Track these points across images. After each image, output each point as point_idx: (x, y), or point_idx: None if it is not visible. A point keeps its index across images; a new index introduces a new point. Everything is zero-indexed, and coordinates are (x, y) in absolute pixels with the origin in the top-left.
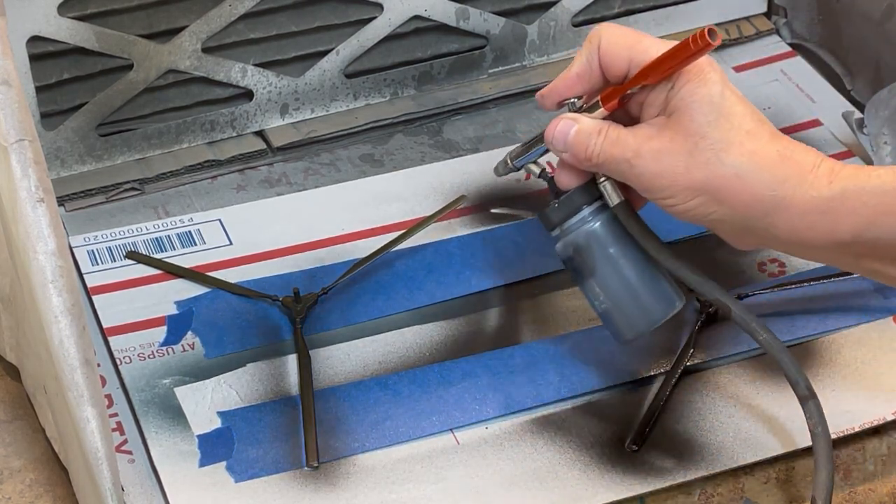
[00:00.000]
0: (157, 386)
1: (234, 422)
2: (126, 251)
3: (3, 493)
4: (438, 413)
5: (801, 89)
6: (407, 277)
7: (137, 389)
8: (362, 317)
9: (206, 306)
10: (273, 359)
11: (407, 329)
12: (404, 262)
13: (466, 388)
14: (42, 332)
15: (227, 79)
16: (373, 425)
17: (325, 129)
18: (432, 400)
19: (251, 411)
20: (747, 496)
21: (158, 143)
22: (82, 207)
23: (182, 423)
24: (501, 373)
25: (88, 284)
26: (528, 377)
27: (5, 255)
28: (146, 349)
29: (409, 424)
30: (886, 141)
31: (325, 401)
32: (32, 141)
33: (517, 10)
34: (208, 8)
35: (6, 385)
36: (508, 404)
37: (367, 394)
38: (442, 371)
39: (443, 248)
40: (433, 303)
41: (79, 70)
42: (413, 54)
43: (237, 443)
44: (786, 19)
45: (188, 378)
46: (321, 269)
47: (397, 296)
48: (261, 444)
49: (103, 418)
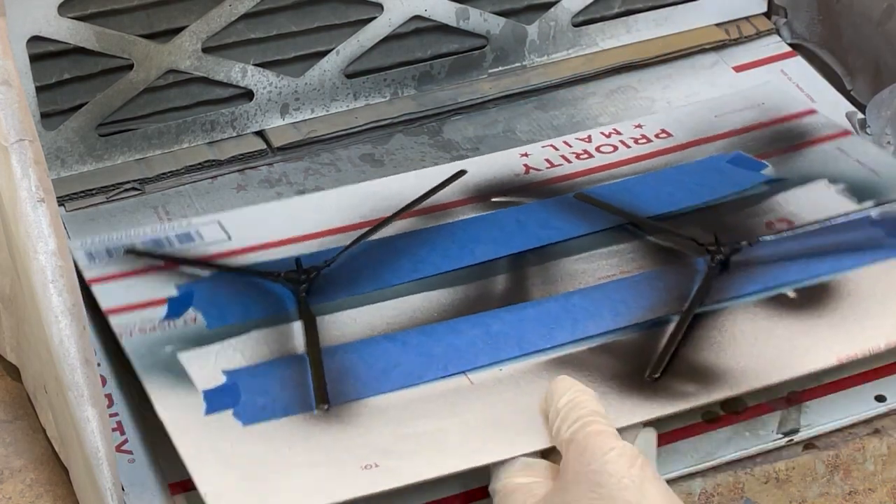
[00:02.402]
0: (160, 353)
1: (239, 377)
2: (124, 248)
3: (3, 493)
4: (450, 358)
5: (801, 89)
6: (410, 253)
7: (139, 356)
8: (367, 287)
9: (207, 287)
10: (278, 325)
11: (413, 296)
12: (405, 240)
13: (478, 336)
14: (42, 332)
15: (227, 79)
16: (383, 372)
17: (325, 129)
18: (443, 346)
19: (258, 368)
20: (747, 496)
21: (158, 143)
22: (82, 207)
23: (186, 383)
24: (513, 321)
25: (87, 277)
26: (541, 323)
27: (5, 255)
28: (147, 324)
29: (420, 369)
30: (889, 141)
31: (333, 355)
32: (32, 141)
33: (517, 10)
34: (208, 8)
35: (6, 385)
36: (522, 346)
37: (374, 346)
38: (452, 324)
39: (445, 229)
40: (439, 272)
41: (79, 70)
42: (413, 54)
43: (244, 393)
44: (786, 19)
45: (191, 346)
46: (322, 252)
47: (401, 269)
48: (268, 393)
49: (103, 418)
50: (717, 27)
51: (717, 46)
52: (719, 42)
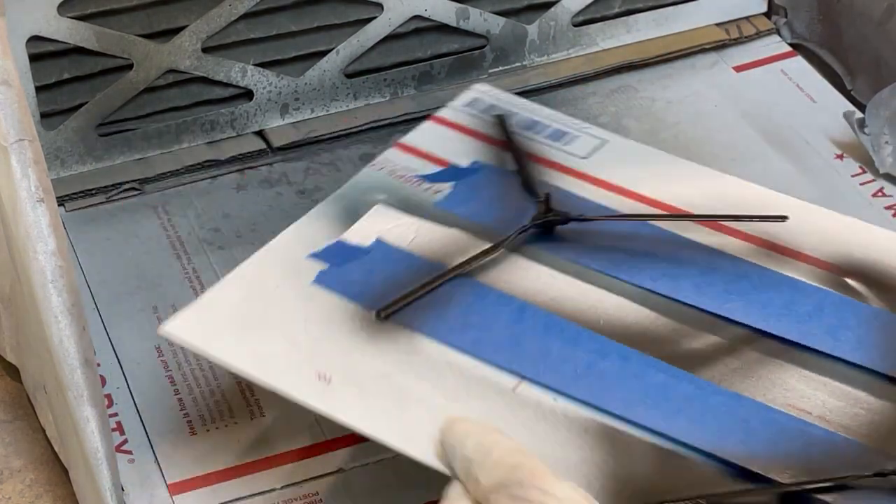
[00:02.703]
0: (368, 195)
1: (379, 252)
2: (498, 114)
3: (3, 493)
4: (547, 365)
5: (801, 89)
6: (653, 255)
7: (354, 183)
8: (592, 264)
9: (486, 175)
10: (477, 236)
11: (618, 298)
12: (662, 241)
13: (615, 370)
14: (42, 332)
15: (227, 79)
16: (467, 326)
17: (325, 129)
18: (536, 342)
19: (403, 254)
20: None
21: (158, 143)
22: (82, 207)
23: (343, 226)
24: (672, 386)
25: (444, 115)
26: (649, 395)
27: (5, 255)
28: (406, 172)
29: (507, 352)
30: (887, 141)
31: (461, 288)
32: (32, 141)
33: (517, 10)
34: (208, 8)
35: (6, 385)
36: (642, 414)
37: (502, 306)
38: (603, 342)
39: (737, 267)
40: (657, 292)
41: (79, 70)
42: (413, 54)
43: (354, 264)
44: (786, 19)
45: (397, 205)
46: (603, 208)
47: (641, 273)
48: (368, 276)
49: (103, 418)
50: (717, 27)
51: (717, 46)
52: (719, 42)
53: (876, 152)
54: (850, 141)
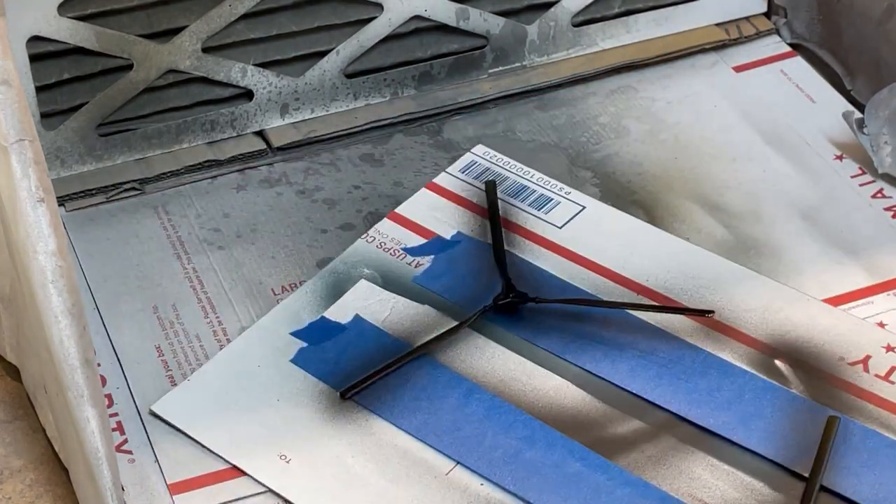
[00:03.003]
0: (356, 269)
1: (354, 327)
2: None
3: (3, 493)
4: (464, 441)
5: (800, 89)
6: (607, 343)
7: (346, 257)
8: (542, 344)
9: (466, 249)
10: (445, 314)
11: (560, 380)
12: (624, 332)
13: (515, 447)
14: (42, 332)
15: (227, 79)
16: (419, 412)
17: (325, 129)
18: (475, 427)
19: (375, 332)
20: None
21: (158, 143)
22: (82, 207)
23: (330, 300)
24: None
25: (437, 182)
26: (563, 484)
27: (5, 255)
28: (393, 245)
29: (440, 432)
30: (886, 141)
31: (420, 369)
32: (32, 141)
33: (517, 10)
34: (208, 8)
35: (6, 385)
36: (519, 484)
37: (448, 388)
38: (525, 425)
39: (674, 349)
40: (609, 381)
41: (79, 70)
42: (413, 54)
43: (329, 343)
44: (786, 19)
45: (381, 281)
46: (579, 291)
47: (584, 354)
48: (341, 356)
49: (103, 418)
50: (717, 27)
51: (717, 46)
52: (719, 42)
53: (875, 153)
54: (849, 141)
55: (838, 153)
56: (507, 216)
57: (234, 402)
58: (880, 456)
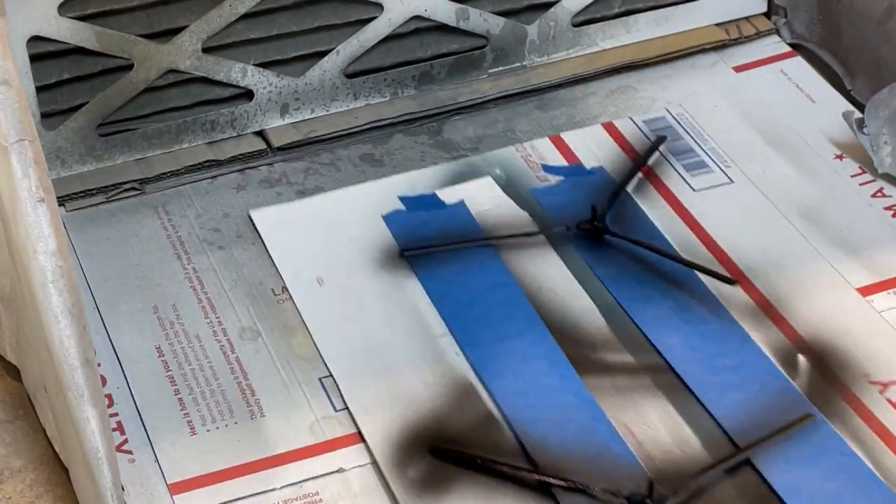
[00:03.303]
0: (490, 168)
1: (452, 210)
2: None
3: (3, 493)
4: (467, 316)
5: (800, 89)
6: (651, 288)
7: (483, 157)
8: (598, 272)
9: (595, 183)
10: (533, 223)
11: (591, 303)
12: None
13: (505, 336)
14: (42, 332)
15: (227, 79)
16: (449, 284)
17: (325, 129)
18: (483, 309)
19: (467, 218)
20: None
21: (158, 143)
22: (82, 207)
23: (454, 182)
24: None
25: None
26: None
27: (5, 255)
28: (537, 159)
29: (453, 303)
30: (886, 141)
31: (479, 256)
32: (32, 141)
33: (517, 10)
34: (208, 8)
35: (6, 385)
36: (487, 369)
37: (487, 274)
38: (528, 323)
39: (704, 313)
40: (631, 318)
41: (79, 70)
42: (413, 54)
43: (421, 211)
44: (786, 19)
45: (505, 181)
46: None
47: (624, 291)
48: (423, 222)
49: (103, 418)
50: (717, 27)
51: (717, 46)
52: (719, 42)
53: (875, 152)
54: (849, 141)
55: (838, 153)
56: (655, 169)
57: (315, 231)
58: (828, 458)
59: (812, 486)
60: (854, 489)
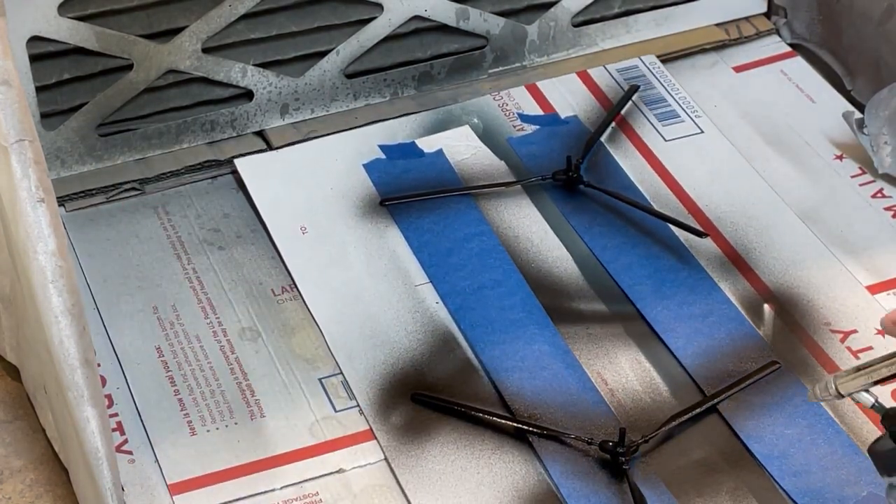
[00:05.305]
0: (468, 116)
1: (431, 159)
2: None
3: (3, 493)
4: (445, 265)
5: (800, 89)
6: (625, 238)
7: (461, 106)
8: (572, 221)
9: (570, 131)
10: (509, 173)
11: (565, 252)
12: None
13: (483, 286)
14: (42, 332)
15: (227, 79)
16: (428, 233)
17: (325, 129)
18: (461, 259)
19: (446, 167)
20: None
21: (158, 143)
22: (82, 207)
23: (430, 132)
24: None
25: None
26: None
27: (5, 255)
28: (513, 107)
29: (433, 252)
30: (886, 141)
31: (458, 205)
32: (32, 141)
33: (517, 10)
34: (208, 8)
35: (6, 385)
36: (464, 316)
37: (465, 224)
38: (506, 271)
39: (675, 262)
40: (605, 267)
41: (79, 70)
42: (413, 54)
43: (400, 160)
44: (786, 19)
45: (483, 130)
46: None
47: (598, 239)
48: (402, 171)
49: (103, 418)
50: (717, 27)
51: (717, 46)
52: (719, 42)
53: (875, 153)
54: (849, 141)
55: (838, 153)
56: (628, 118)
57: (300, 176)
58: (789, 405)
59: (774, 432)
60: (813, 435)
